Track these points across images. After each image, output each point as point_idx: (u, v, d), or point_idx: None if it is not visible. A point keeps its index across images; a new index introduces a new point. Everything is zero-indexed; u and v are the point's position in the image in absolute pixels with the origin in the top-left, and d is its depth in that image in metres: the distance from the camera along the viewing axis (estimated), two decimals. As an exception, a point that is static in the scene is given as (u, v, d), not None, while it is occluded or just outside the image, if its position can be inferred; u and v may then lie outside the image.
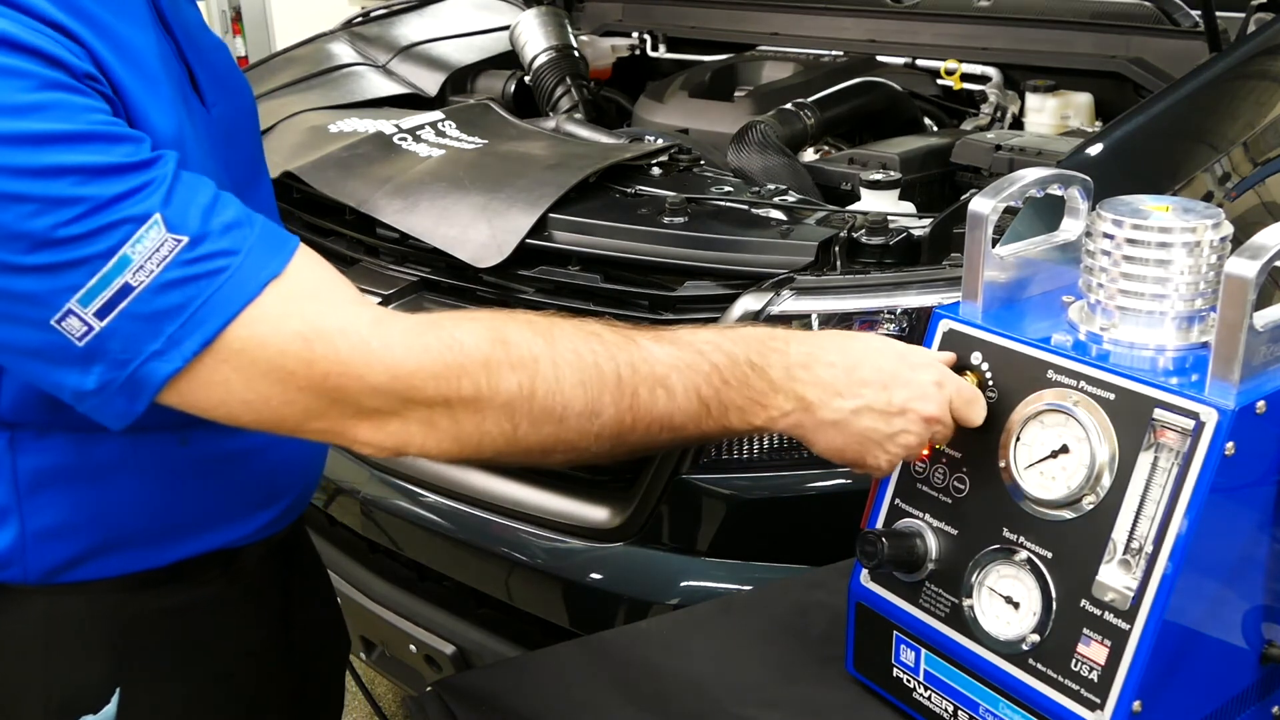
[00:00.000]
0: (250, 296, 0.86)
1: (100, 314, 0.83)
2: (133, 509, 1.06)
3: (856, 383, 0.97)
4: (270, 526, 1.17)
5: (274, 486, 1.17)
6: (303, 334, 0.87)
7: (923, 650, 1.02)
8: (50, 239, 0.81)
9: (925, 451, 1.01)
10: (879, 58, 2.58)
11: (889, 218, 1.68)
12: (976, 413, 0.98)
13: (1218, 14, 2.08)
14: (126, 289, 0.83)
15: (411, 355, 0.88)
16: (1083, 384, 0.93)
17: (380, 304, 1.83)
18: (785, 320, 1.59)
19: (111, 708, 1.07)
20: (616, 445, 0.95)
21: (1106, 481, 0.90)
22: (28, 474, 1.02)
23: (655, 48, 2.99)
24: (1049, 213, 1.08)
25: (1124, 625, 0.88)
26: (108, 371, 0.85)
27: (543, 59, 2.61)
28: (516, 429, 0.91)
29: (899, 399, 0.97)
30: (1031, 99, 2.35)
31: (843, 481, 1.60)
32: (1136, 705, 0.87)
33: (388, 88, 2.54)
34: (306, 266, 0.91)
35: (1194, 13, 2.26)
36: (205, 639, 1.14)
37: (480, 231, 1.78)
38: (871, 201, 1.94)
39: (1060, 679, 0.91)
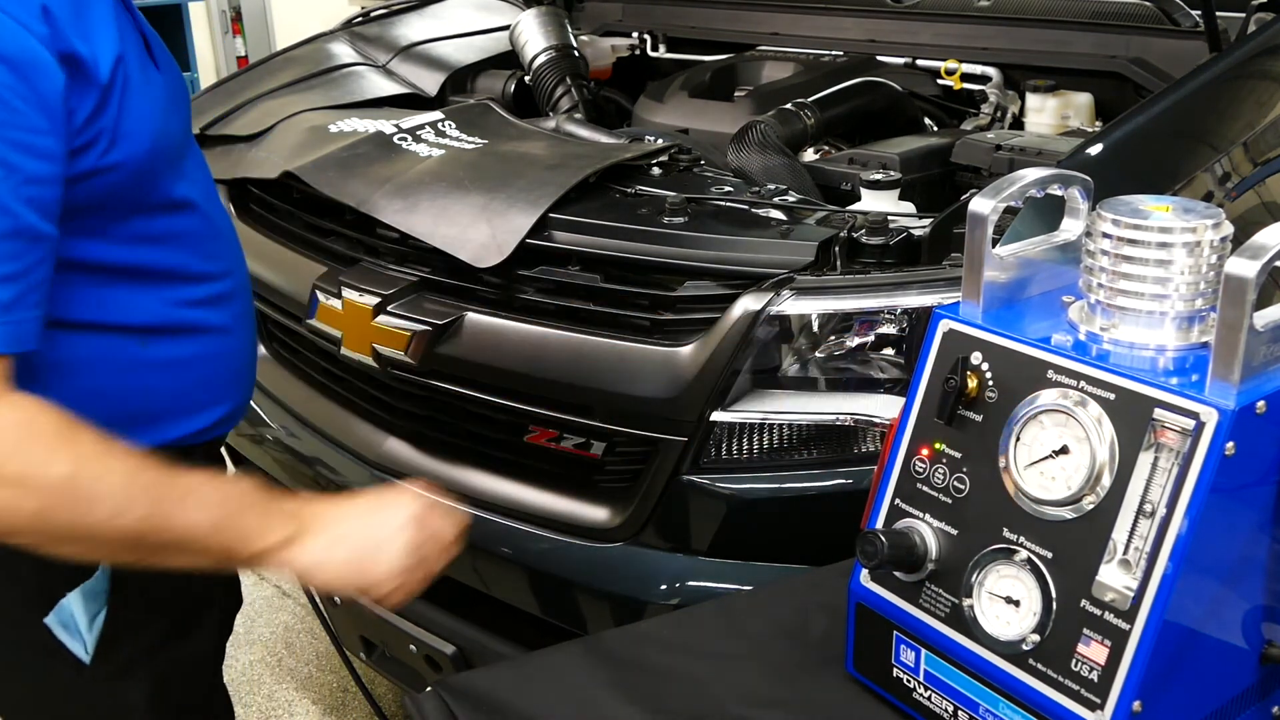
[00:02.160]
0: None
1: None
2: (106, 397, 1.19)
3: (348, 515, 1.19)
4: (214, 429, 1.35)
5: (216, 390, 1.35)
6: None
7: (923, 650, 1.02)
8: None
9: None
10: (879, 58, 2.58)
11: (889, 218, 1.68)
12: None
13: (1218, 14, 2.08)
14: None
15: None
16: (1083, 384, 0.93)
17: (378, 304, 1.84)
18: (784, 320, 1.59)
19: (100, 575, 1.24)
20: (139, 549, 1.07)
21: (1106, 481, 0.90)
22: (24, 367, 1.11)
23: (655, 48, 2.99)
24: (1049, 213, 1.08)
25: (1124, 625, 0.88)
26: None
27: (543, 58, 2.61)
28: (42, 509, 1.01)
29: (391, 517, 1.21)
30: (1031, 99, 2.35)
31: (843, 481, 1.60)
32: (1136, 705, 0.87)
33: (388, 88, 2.54)
34: None
35: (1194, 13, 2.26)
36: None
37: (480, 231, 1.78)
38: (871, 201, 1.94)
39: (1060, 679, 0.91)
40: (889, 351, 1.61)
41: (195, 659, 1.42)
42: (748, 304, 1.59)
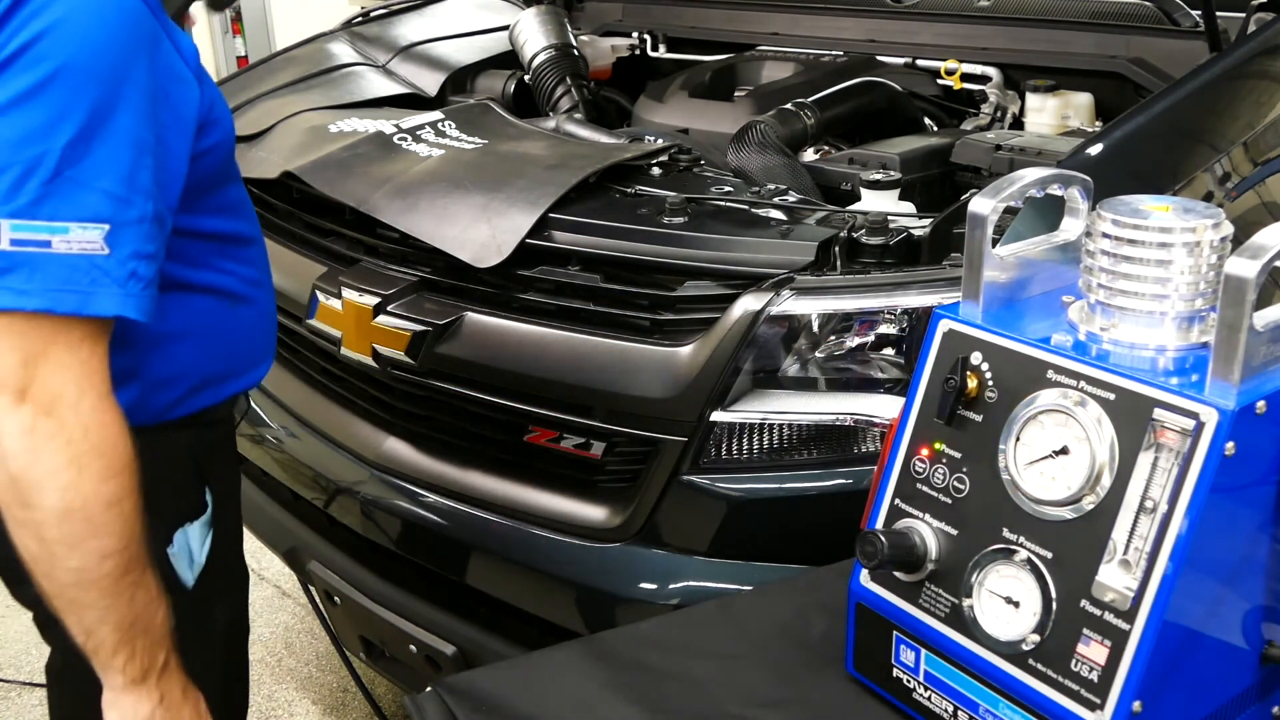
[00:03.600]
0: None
1: None
2: (213, 357, 1.39)
3: None
4: (262, 375, 1.52)
5: (269, 342, 1.53)
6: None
7: (923, 650, 1.02)
8: None
9: None
10: (879, 58, 2.58)
11: (889, 218, 1.68)
12: None
13: (1218, 14, 2.08)
14: None
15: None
16: (1083, 384, 0.93)
17: (379, 304, 1.84)
18: (785, 320, 1.59)
19: (208, 513, 1.42)
20: (76, 588, 1.18)
21: (1106, 481, 0.90)
22: (148, 341, 1.29)
23: (655, 48, 2.99)
24: (1049, 213, 1.08)
25: (1124, 625, 0.88)
26: None
27: (542, 57, 2.61)
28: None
29: None
30: (1031, 99, 2.35)
31: (843, 482, 1.60)
32: (1136, 705, 0.87)
33: (388, 88, 2.53)
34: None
35: (1194, 13, 2.26)
36: (231, 456, 1.55)
37: (480, 231, 1.78)
38: (871, 201, 1.94)
39: (1060, 679, 0.91)
40: (889, 351, 1.61)
41: (243, 610, 1.61)
42: (748, 304, 1.59)
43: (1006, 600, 0.95)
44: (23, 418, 1.10)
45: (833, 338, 1.61)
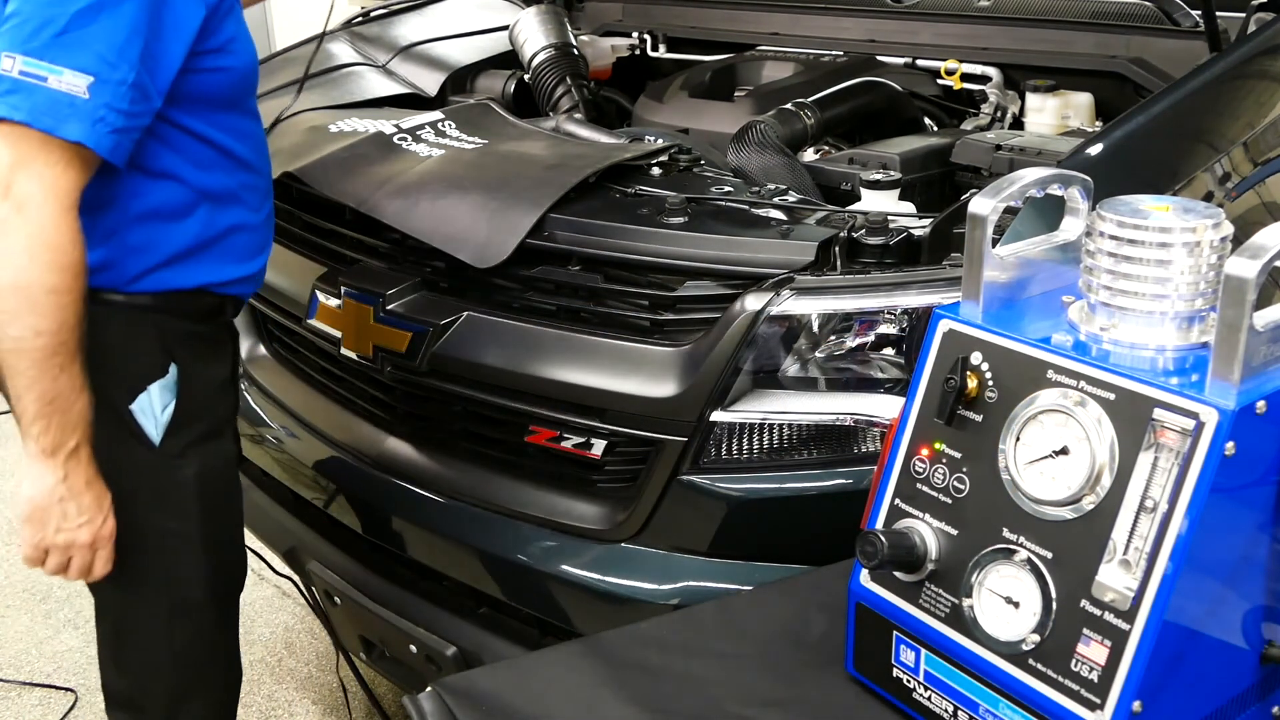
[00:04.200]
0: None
1: None
2: (196, 240, 1.62)
3: None
4: (247, 282, 1.73)
5: (251, 251, 1.73)
6: None
7: (923, 650, 1.02)
8: None
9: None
10: (879, 58, 2.58)
11: (889, 218, 1.68)
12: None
13: (1218, 14, 2.08)
14: None
15: None
16: (1083, 384, 0.93)
17: (379, 304, 1.84)
18: (785, 320, 1.59)
19: (172, 374, 1.64)
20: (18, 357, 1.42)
21: (1106, 481, 0.90)
22: (135, 211, 1.57)
23: (655, 48, 2.99)
24: (1049, 213, 1.08)
25: (1124, 625, 0.88)
26: None
27: (542, 57, 2.61)
28: None
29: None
30: (1031, 99, 2.35)
31: (843, 482, 1.61)
32: (1136, 705, 0.87)
33: (388, 88, 2.54)
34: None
35: (1194, 13, 2.26)
36: (209, 355, 1.72)
37: (480, 231, 1.78)
38: (871, 201, 1.94)
39: (1060, 679, 0.91)
40: (889, 351, 1.61)
41: (224, 458, 1.78)
42: (748, 304, 1.59)
43: (1006, 600, 0.95)
44: (1, 210, 1.39)
45: (833, 338, 1.61)
